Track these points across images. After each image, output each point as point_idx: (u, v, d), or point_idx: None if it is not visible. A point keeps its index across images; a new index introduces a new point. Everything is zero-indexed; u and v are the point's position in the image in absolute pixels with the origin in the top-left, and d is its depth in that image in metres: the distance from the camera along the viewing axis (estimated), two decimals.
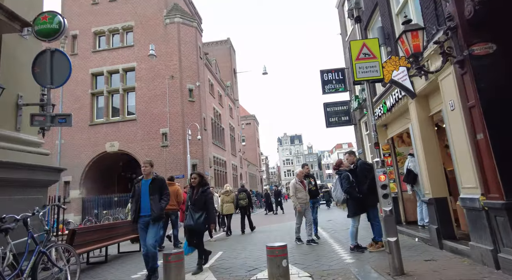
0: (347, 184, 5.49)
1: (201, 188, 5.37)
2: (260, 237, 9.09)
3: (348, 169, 5.74)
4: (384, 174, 3.98)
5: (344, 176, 5.58)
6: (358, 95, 13.60)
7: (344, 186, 5.53)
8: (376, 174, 4.04)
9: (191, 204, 5.31)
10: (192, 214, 5.20)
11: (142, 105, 20.48)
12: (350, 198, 5.52)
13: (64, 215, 19.44)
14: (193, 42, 21.78)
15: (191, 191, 5.50)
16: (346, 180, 5.50)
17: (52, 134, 20.51)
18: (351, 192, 5.47)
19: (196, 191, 5.38)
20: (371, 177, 5.58)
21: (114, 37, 22.17)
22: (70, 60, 5.68)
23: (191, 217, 5.19)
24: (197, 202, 5.27)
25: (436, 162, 5.28)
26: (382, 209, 3.92)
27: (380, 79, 4.40)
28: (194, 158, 19.87)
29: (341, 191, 5.58)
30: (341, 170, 5.76)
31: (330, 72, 15.42)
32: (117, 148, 20.22)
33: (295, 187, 6.94)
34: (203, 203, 5.25)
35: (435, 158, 5.28)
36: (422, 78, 4.90)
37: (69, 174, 19.98)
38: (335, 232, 8.61)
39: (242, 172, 39.75)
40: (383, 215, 3.92)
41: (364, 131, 14.55)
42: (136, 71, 21.02)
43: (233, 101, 38.48)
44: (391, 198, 3.98)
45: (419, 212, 6.70)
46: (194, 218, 5.14)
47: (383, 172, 3.99)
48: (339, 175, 5.71)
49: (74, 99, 20.92)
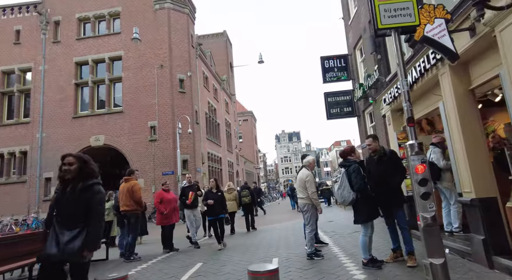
0: (359, 180, 4.13)
1: (82, 182, 2.92)
2: (256, 241, 7.79)
3: (358, 161, 4.40)
4: (423, 163, 2.68)
5: (354, 169, 4.22)
6: (363, 82, 12.28)
7: (355, 182, 4.16)
8: (411, 164, 2.74)
9: (56, 214, 2.93)
10: (57, 234, 2.79)
11: (129, 96, 19.08)
12: (362, 198, 4.20)
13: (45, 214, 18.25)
14: (184, 30, 20.36)
15: (59, 190, 3.02)
16: (357, 174, 4.17)
17: (33, 126, 19.19)
18: (365, 190, 4.16)
19: (70, 189, 2.90)
20: (401, 169, 4.29)
21: (100, 24, 20.71)
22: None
23: (54, 238, 2.78)
24: (68, 208, 2.86)
25: (481, 150, 3.96)
26: (420, 215, 2.62)
27: (414, 26, 3.06)
28: (185, 153, 18.53)
29: (349, 189, 4.22)
30: (350, 161, 4.42)
31: (332, 59, 14.10)
32: (103, 142, 18.84)
33: (314, 181, 5.40)
34: (82, 212, 2.85)
35: (479, 145, 3.96)
36: (462, 38, 3.61)
37: (50, 170, 18.64)
38: (339, 236, 7.33)
39: (239, 169, 38.44)
40: (421, 224, 2.62)
41: (369, 122, 13.23)
42: (123, 60, 19.59)
43: (229, 96, 37.09)
44: (434, 200, 2.69)
45: (445, 214, 5.42)
46: (61, 240, 2.74)
47: (420, 161, 2.69)
48: (347, 167, 4.38)
49: (56, 89, 19.49)
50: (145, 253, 7.53)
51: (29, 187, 18.55)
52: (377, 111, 11.52)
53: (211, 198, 7.16)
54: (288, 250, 6.26)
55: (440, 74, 4.35)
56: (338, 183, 4.31)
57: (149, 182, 18.05)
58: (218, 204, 7.16)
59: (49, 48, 19.94)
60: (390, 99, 6.14)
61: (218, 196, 7.22)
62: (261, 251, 6.36)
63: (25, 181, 18.66)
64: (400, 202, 4.26)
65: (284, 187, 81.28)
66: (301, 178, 5.35)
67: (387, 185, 4.18)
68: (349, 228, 8.43)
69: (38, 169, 18.62)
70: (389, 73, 6.52)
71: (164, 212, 7.19)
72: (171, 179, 17.90)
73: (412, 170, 2.72)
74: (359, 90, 12.39)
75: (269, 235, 8.79)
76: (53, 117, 19.17)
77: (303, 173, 5.44)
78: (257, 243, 7.60)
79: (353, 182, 4.18)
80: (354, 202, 4.20)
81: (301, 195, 5.39)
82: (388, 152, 4.41)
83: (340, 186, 4.26)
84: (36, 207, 18.24)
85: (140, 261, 6.38)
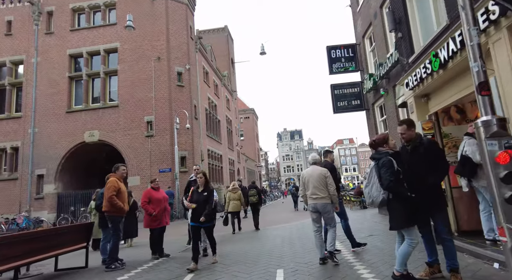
0: (388, 175, 3.24)
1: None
2: (257, 246, 6.92)
3: (392, 153, 3.48)
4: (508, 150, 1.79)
5: (384, 162, 3.31)
6: (373, 72, 11.37)
7: (384, 178, 3.26)
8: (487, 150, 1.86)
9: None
10: None
11: (125, 90, 18.22)
12: (395, 198, 3.30)
13: (37, 213, 17.46)
14: (183, 21, 19.46)
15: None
16: (387, 169, 3.27)
17: (25, 121, 18.40)
18: (397, 188, 3.27)
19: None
20: (443, 163, 3.41)
21: (95, 15, 19.84)
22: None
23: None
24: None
25: None
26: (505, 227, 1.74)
27: None
28: (183, 150, 17.68)
29: (378, 188, 3.33)
30: (381, 153, 3.50)
31: (339, 49, 13.16)
32: (97, 138, 18.00)
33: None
34: None
35: None
36: None
37: (43, 166, 17.89)
38: None
39: (240, 167, 37.58)
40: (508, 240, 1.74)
41: (379, 116, 12.31)
42: (119, 52, 18.72)
43: (230, 92, 36.19)
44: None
45: (484, 219, 4.52)
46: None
47: (504, 145, 1.81)
48: (377, 161, 3.47)
49: (49, 83, 18.66)
50: (132, 258, 6.69)
51: (21, 185, 17.75)
52: (389, 103, 10.61)
53: (195, 200, 5.42)
54: (295, 258, 5.39)
55: (493, 42, 3.45)
56: (366, 179, 3.41)
57: (146, 180, 17.18)
58: (203, 208, 5.29)
59: (41, 39, 19.09)
60: (415, 82, 5.24)
61: (203, 198, 5.37)
62: (263, 260, 5.49)
63: (17, 178, 17.86)
64: (442, 205, 3.37)
65: (286, 185, 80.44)
66: (321, 175, 4.75)
67: (423, 183, 3.29)
68: (362, 232, 7.57)
69: (30, 165, 17.82)
70: (413, 53, 5.62)
71: (153, 214, 6.33)
72: (168, 176, 17.07)
73: (489, 160, 1.85)
74: (369, 81, 11.48)
75: (272, 239, 7.92)
76: (45, 112, 18.36)
77: (321, 169, 4.87)
78: (259, 249, 6.73)
79: (382, 178, 3.28)
80: (385, 203, 3.31)
81: (321, 194, 4.70)
82: (426, 142, 3.51)
83: (368, 183, 3.35)
84: (27, 205, 17.45)
85: (123, 270, 5.52)
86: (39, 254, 5.14)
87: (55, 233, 5.66)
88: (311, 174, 4.88)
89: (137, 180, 17.13)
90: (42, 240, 5.29)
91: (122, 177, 5.89)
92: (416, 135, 3.65)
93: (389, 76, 10.24)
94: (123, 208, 5.62)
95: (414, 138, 3.59)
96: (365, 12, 12.41)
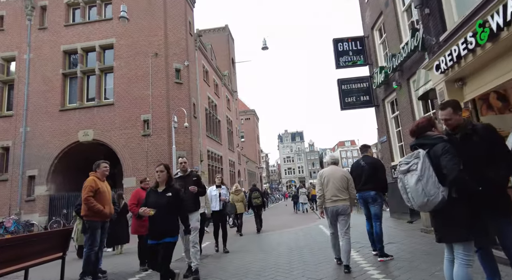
0: (456, 165, 2.36)
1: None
2: (259, 257, 6.10)
3: (447, 138, 2.57)
4: None
5: (445, 148, 2.43)
6: (385, 64, 10.58)
7: (449, 168, 2.36)
8: None
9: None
10: None
11: (121, 87, 17.44)
12: (458, 198, 2.39)
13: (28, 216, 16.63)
14: (181, 16, 18.72)
15: None
16: (453, 156, 2.40)
17: (16, 120, 17.63)
18: (467, 182, 2.37)
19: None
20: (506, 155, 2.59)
21: (91, 10, 19.12)
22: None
23: None
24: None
25: None
26: None
27: None
28: (181, 150, 16.86)
29: (436, 182, 2.38)
30: (433, 137, 2.60)
31: (346, 42, 12.36)
32: (92, 137, 17.21)
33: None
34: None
35: None
36: None
37: (34, 167, 17.08)
38: (369, 250, 5.62)
39: (240, 168, 36.75)
40: None
41: (390, 113, 11.51)
42: (115, 48, 17.96)
43: (231, 92, 35.43)
44: None
45: None
46: None
47: None
48: (428, 147, 2.56)
49: (42, 80, 17.90)
50: (119, 268, 5.88)
51: (11, 186, 16.94)
52: (402, 97, 9.82)
53: (151, 203, 3.79)
54: (305, 272, 4.57)
55: None
56: (415, 172, 2.44)
57: None
58: (165, 216, 3.73)
59: (34, 35, 18.36)
60: (449, 63, 4.42)
61: (165, 200, 3.78)
62: (269, 275, 4.66)
63: (7, 180, 17.05)
64: (509, 209, 2.55)
65: (287, 188, 79.55)
66: (343, 176, 4.60)
67: (482, 182, 2.47)
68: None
69: (21, 166, 17.02)
70: (444, 30, 4.82)
71: (142, 218, 5.51)
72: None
73: None
74: (380, 74, 10.68)
75: (277, 247, 7.10)
76: (38, 110, 17.59)
77: (342, 170, 4.78)
78: (263, 259, 5.90)
79: (446, 168, 2.37)
80: (443, 203, 2.39)
81: (342, 196, 4.51)
82: (480, 128, 2.69)
83: (421, 176, 2.39)
84: (17, 208, 16.64)
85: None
86: (5, 267, 4.34)
87: (24, 242, 4.81)
88: (332, 174, 4.65)
89: (133, 182, 16.30)
90: (9, 250, 4.47)
91: (103, 175, 5.08)
92: (465, 121, 2.83)
93: (402, 68, 9.46)
94: (103, 211, 4.80)
95: (463, 124, 2.77)
96: (374, 2, 11.65)
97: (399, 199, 8.10)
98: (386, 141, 11.48)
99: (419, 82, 6.49)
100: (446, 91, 4.72)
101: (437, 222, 2.58)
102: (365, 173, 5.05)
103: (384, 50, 11.61)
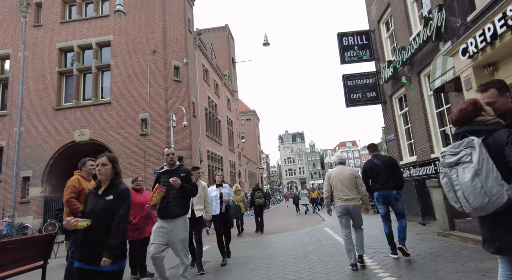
0: None
1: None
2: (263, 265, 5.57)
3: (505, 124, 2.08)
4: None
5: (511, 136, 1.85)
6: (394, 58, 10.07)
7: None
8: None
9: None
10: None
11: (118, 85, 16.95)
12: None
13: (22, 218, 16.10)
14: (180, 12, 18.25)
15: None
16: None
17: (10, 119, 17.12)
18: None
19: None
20: None
21: (87, 6, 18.65)
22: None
23: None
24: None
25: None
26: None
27: None
28: (180, 150, 16.36)
29: (498, 178, 1.82)
30: (488, 123, 2.03)
31: (351, 36, 11.84)
32: (88, 137, 16.71)
33: None
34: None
35: None
36: None
37: (29, 168, 16.58)
38: (383, 256, 5.08)
39: (241, 169, 36.24)
40: None
41: (398, 109, 11.00)
42: (112, 45, 17.48)
43: (231, 92, 34.94)
44: None
45: None
46: None
47: None
48: (483, 135, 1.99)
49: (37, 78, 17.41)
50: None
51: (4, 188, 16.42)
52: (412, 92, 9.30)
53: (89, 210, 2.62)
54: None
55: None
56: (469, 165, 1.88)
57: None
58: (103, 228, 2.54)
59: (29, 32, 17.89)
60: (480, 45, 3.89)
61: (105, 205, 2.59)
62: None
63: (0, 181, 16.54)
64: None
65: (288, 189, 78.97)
66: (351, 175, 4.61)
67: None
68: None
69: (15, 167, 16.51)
70: (473, 9, 4.29)
71: (133, 221, 5.00)
72: None
73: None
74: (388, 69, 10.17)
75: (281, 253, 6.56)
76: (33, 109, 17.09)
77: (350, 169, 4.77)
78: (266, 268, 5.37)
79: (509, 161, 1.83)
80: (509, 205, 1.83)
81: (352, 195, 4.51)
82: None
83: (479, 169, 1.86)
84: (11, 210, 16.13)
85: None
86: None
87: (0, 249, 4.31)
88: (340, 173, 4.67)
89: (130, 183, 15.78)
90: None
91: (89, 174, 4.56)
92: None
93: (412, 62, 8.95)
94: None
95: (510, 108, 2.25)
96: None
97: (409, 199, 7.59)
98: (394, 139, 10.96)
99: (435, 73, 5.97)
100: (474, 78, 4.19)
101: (494, 228, 2.04)
102: (382, 171, 4.88)
103: (392, 44, 11.12)
